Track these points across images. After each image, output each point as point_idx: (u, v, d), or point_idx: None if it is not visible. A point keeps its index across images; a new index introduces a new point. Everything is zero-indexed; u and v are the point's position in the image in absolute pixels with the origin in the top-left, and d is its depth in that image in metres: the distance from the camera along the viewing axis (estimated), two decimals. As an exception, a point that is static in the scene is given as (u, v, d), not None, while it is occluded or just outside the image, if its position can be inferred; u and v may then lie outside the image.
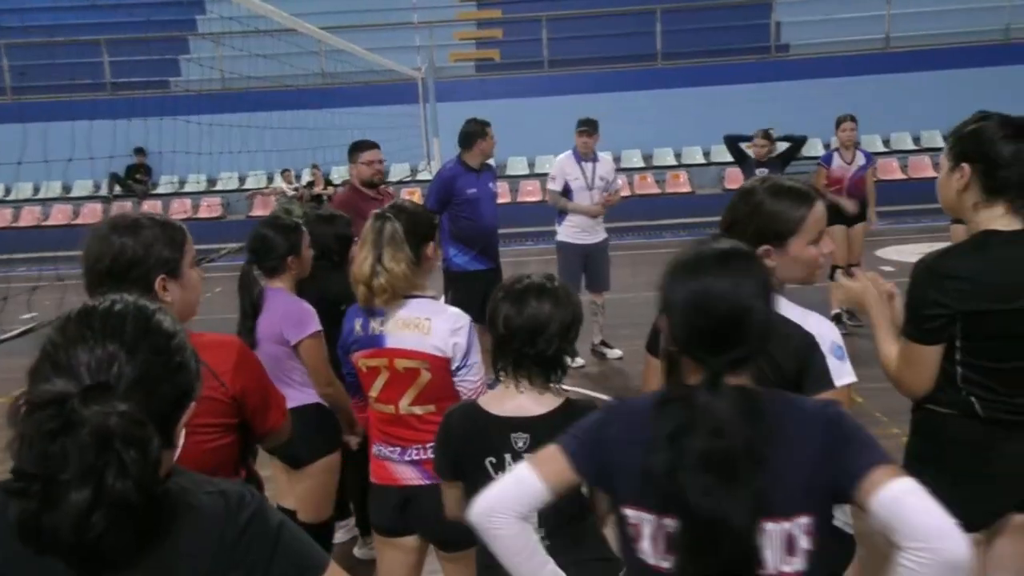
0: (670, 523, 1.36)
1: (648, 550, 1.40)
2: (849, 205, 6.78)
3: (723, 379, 1.35)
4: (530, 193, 14.20)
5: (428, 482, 2.34)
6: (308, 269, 3.08)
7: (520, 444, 1.85)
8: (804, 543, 1.35)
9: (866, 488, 1.30)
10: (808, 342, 1.80)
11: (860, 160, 6.95)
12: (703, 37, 15.01)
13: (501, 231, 5.97)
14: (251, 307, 2.88)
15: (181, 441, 1.24)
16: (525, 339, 1.85)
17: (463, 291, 5.39)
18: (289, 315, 2.86)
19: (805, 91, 13.54)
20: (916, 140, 14.34)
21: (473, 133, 5.59)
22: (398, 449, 2.46)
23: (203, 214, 14.61)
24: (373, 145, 5.05)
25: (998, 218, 2.03)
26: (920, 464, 2.12)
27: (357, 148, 5.04)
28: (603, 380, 6.07)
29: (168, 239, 1.86)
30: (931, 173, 12.57)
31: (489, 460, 1.88)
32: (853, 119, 7.01)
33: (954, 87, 12.20)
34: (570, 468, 1.46)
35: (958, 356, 2.04)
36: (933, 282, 2.02)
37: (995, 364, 2.03)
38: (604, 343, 6.60)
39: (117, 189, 15.08)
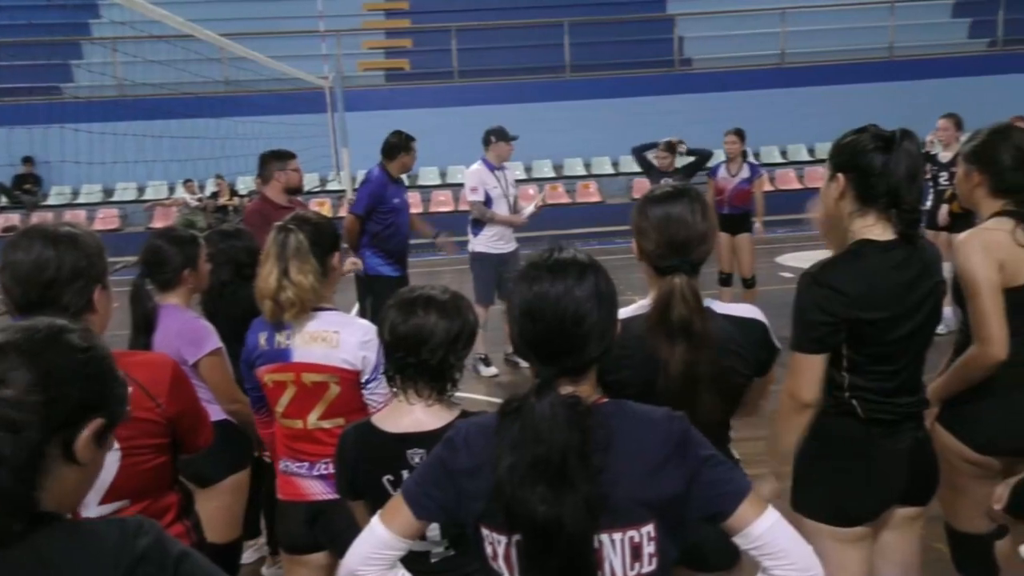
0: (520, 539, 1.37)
1: (504, 569, 1.40)
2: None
3: (552, 386, 1.37)
4: (442, 203, 14.18)
5: (337, 497, 2.29)
6: (205, 283, 2.98)
7: (416, 460, 1.83)
8: (650, 548, 1.38)
9: (738, 522, 1.39)
10: (766, 330, 1.95)
11: (744, 172, 7.19)
12: (610, 50, 15.35)
13: (413, 242, 6.00)
14: (144, 322, 2.75)
15: (102, 465, 1.22)
16: (409, 348, 1.84)
17: (383, 296, 5.34)
18: (184, 333, 2.74)
19: (708, 103, 14.01)
20: (811, 151, 15.03)
21: (397, 145, 5.71)
22: (306, 464, 2.41)
23: (99, 226, 13.94)
24: (294, 154, 5.01)
25: (871, 227, 2.12)
26: (811, 462, 2.21)
27: (279, 157, 4.93)
28: (516, 389, 6.07)
29: (99, 249, 1.84)
30: (825, 183, 13.17)
31: (386, 478, 1.86)
32: (736, 132, 7.28)
33: (844, 101, 12.82)
34: (413, 517, 1.46)
35: (844, 363, 2.13)
36: (817, 293, 2.09)
37: (876, 368, 2.12)
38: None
39: (3, 200, 14.27)
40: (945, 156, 6.76)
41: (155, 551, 1.12)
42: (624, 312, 1.90)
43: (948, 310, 2.78)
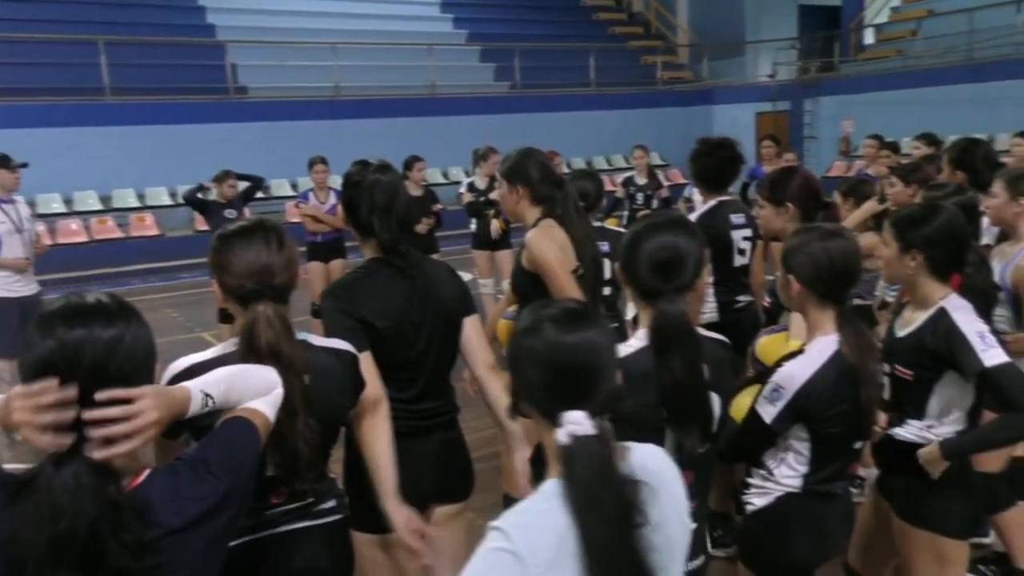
0: None
1: None
2: None
3: (78, 453, 1.19)
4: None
5: None
6: None
7: None
8: None
9: None
10: (358, 360, 2.04)
11: (332, 199, 7.44)
12: (158, 73, 14.35)
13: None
14: None
15: None
16: None
17: None
18: None
19: (265, 132, 13.94)
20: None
21: None
22: None
23: None
24: None
25: (374, 248, 2.38)
26: (350, 473, 2.33)
27: None
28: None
29: None
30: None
31: None
32: (323, 161, 7.50)
33: (393, 132, 13.68)
34: None
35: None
36: (333, 304, 2.29)
37: (396, 376, 2.31)
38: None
39: None
40: (481, 183, 7.69)
41: None
42: (197, 357, 1.82)
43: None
